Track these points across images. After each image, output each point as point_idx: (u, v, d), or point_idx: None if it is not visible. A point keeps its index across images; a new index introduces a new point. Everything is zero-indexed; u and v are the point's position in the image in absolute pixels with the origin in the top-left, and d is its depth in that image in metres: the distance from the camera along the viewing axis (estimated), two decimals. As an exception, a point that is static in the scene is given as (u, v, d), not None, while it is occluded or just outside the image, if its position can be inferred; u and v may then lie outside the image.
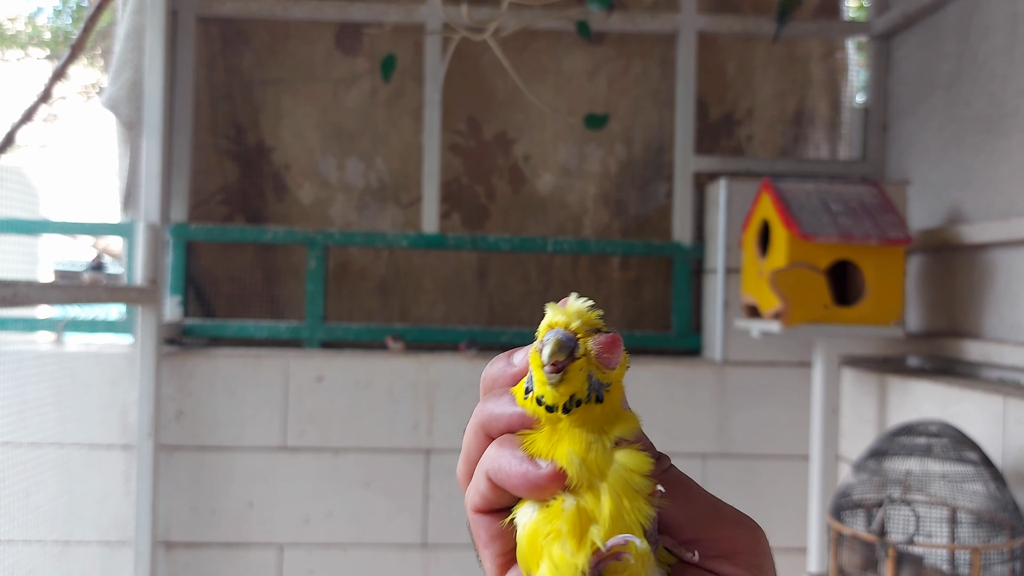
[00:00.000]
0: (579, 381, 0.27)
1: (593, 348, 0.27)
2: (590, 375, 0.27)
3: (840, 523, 1.38)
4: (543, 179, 2.20)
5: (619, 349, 0.28)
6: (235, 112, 2.15)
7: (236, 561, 1.89)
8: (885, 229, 1.62)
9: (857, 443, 1.85)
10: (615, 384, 0.28)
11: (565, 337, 0.27)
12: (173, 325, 2.00)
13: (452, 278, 2.18)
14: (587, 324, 0.28)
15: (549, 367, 0.27)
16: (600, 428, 0.28)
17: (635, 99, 2.20)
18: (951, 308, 1.81)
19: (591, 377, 0.27)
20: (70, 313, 1.92)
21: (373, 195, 2.18)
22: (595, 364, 0.27)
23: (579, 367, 0.27)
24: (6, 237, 1.75)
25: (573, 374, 0.27)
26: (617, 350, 0.28)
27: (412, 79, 2.15)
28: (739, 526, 0.29)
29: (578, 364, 0.27)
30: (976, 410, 1.48)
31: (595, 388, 0.28)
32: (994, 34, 1.69)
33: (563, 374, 0.27)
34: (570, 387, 0.27)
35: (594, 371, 0.28)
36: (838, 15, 2.24)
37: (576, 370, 0.27)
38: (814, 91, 2.23)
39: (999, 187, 1.66)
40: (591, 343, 0.27)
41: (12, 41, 3.96)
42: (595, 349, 0.27)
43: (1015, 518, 1.28)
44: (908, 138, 2.03)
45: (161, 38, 1.84)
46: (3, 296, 1.21)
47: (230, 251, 2.13)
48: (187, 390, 1.88)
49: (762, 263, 1.71)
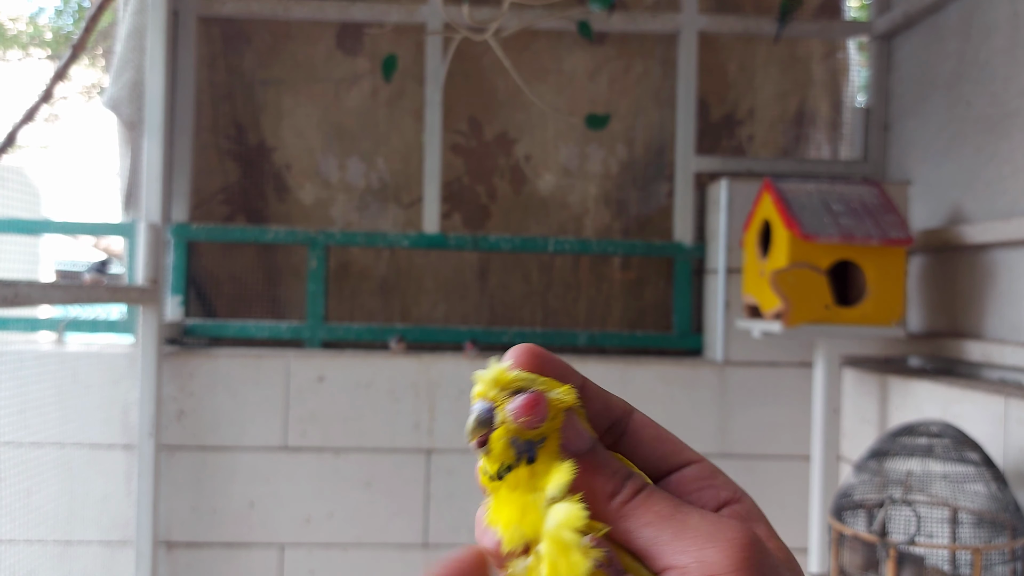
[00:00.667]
0: (502, 448, 0.28)
1: (510, 414, 0.28)
2: (513, 440, 0.28)
3: (841, 523, 1.38)
4: (544, 179, 2.20)
5: (539, 407, 0.28)
6: (236, 112, 2.16)
7: (237, 561, 1.89)
8: (886, 229, 1.62)
9: (858, 443, 1.85)
10: (550, 436, 0.28)
11: (482, 410, 0.28)
12: (174, 325, 2.00)
13: (453, 278, 2.18)
14: (506, 388, 0.28)
15: (473, 443, 0.28)
16: (535, 487, 0.28)
17: (636, 99, 2.20)
18: (952, 308, 1.81)
19: (515, 442, 0.28)
20: (71, 313, 1.92)
21: (374, 195, 2.18)
22: (515, 429, 0.28)
23: (499, 436, 0.28)
24: (7, 237, 1.75)
25: (495, 444, 0.28)
26: (536, 409, 0.28)
27: (413, 79, 2.15)
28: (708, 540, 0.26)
29: (497, 434, 0.28)
30: (977, 410, 1.48)
31: (523, 451, 0.28)
32: (995, 34, 1.69)
33: (486, 446, 0.28)
34: (496, 457, 0.28)
35: (518, 435, 0.28)
36: (839, 15, 2.24)
37: (497, 439, 0.28)
38: (815, 91, 2.23)
39: (1001, 187, 1.66)
40: (507, 409, 0.28)
41: (13, 41, 3.97)
42: (512, 415, 0.28)
43: (1016, 518, 1.28)
44: (909, 138, 2.03)
45: (162, 38, 1.84)
46: (4, 296, 1.21)
47: (231, 251, 2.13)
48: (188, 390, 1.89)
49: (763, 263, 1.71)
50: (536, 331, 2.10)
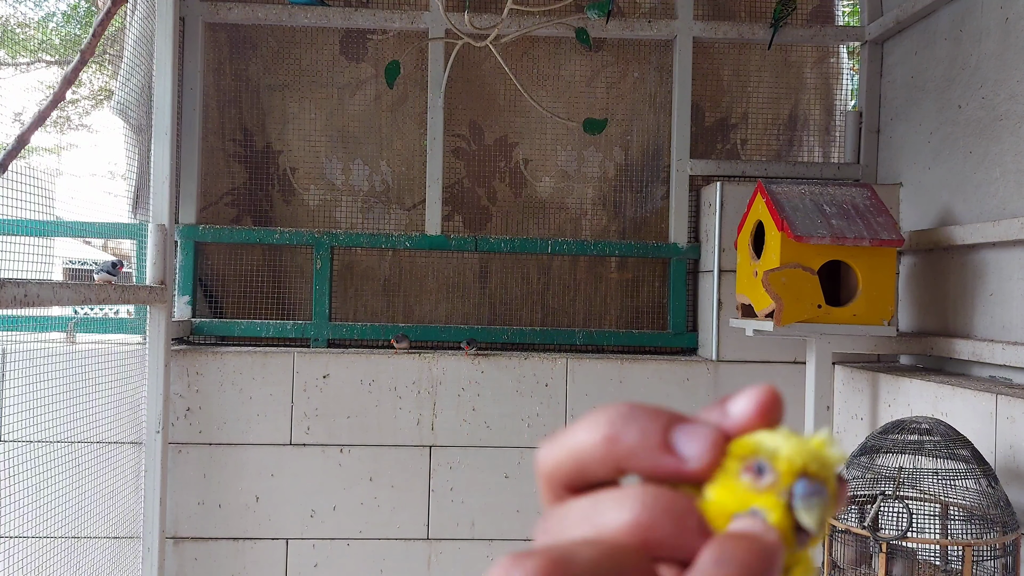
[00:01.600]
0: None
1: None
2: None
3: (833, 518, 1.40)
4: (543, 182, 2.24)
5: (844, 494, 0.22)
6: (243, 116, 2.20)
7: (243, 555, 1.93)
8: (877, 230, 1.65)
9: (850, 440, 1.88)
10: None
11: (823, 494, 0.21)
12: (182, 324, 2.04)
13: (454, 278, 2.22)
14: (825, 468, 0.21)
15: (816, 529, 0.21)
16: None
17: (633, 104, 2.24)
18: (942, 308, 1.84)
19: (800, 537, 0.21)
20: (82, 312, 1.96)
21: (378, 198, 2.22)
22: None
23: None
24: (19, 238, 1.78)
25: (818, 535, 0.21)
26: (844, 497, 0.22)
27: (415, 84, 2.19)
28: None
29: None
30: (967, 408, 1.50)
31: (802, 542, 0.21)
32: (986, 39, 1.72)
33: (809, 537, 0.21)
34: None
35: None
36: (831, 21, 2.28)
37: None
38: (808, 96, 2.27)
39: (990, 189, 1.69)
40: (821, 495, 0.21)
41: (23, 47, 4.02)
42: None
43: (1006, 514, 1.28)
44: (900, 141, 2.06)
45: (170, 44, 1.87)
46: (16, 296, 1.24)
47: (238, 252, 2.17)
48: (196, 387, 1.93)
49: (756, 264, 1.74)
50: (535, 330, 2.14)
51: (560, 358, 2.00)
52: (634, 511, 0.20)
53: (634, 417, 0.21)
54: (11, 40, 3.62)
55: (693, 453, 0.21)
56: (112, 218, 2.31)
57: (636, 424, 0.21)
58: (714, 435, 0.21)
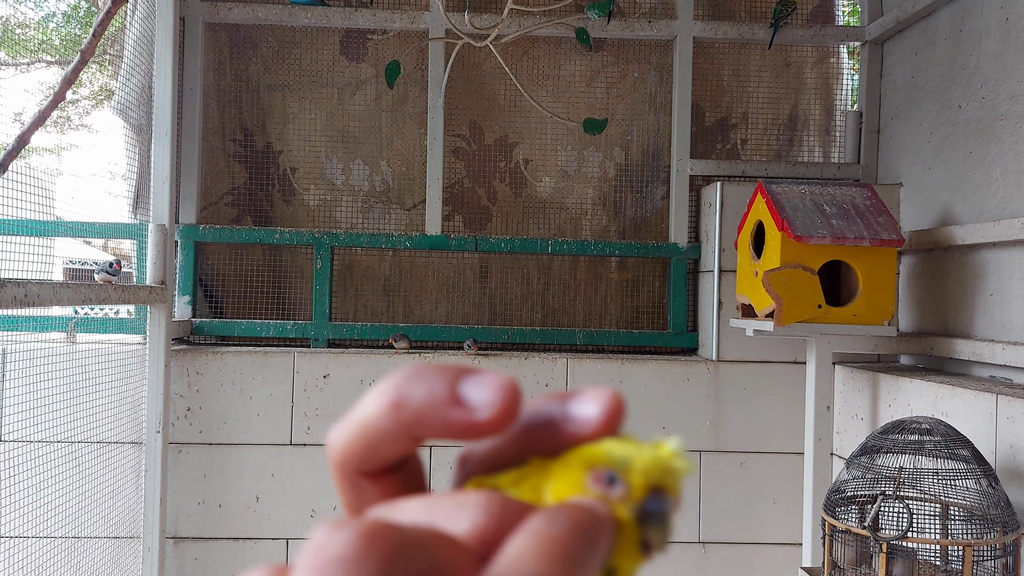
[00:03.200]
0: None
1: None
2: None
3: (834, 518, 1.40)
4: (543, 182, 2.24)
5: None
6: (243, 116, 2.20)
7: (243, 555, 1.93)
8: (877, 231, 1.65)
9: (850, 440, 1.88)
10: None
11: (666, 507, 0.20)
12: (183, 324, 2.04)
13: (454, 278, 2.22)
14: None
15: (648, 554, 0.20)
16: None
17: (633, 104, 2.24)
18: (942, 308, 1.84)
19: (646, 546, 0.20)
20: (82, 312, 1.96)
21: (378, 198, 2.22)
22: None
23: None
24: (19, 238, 1.79)
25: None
26: None
27: (416, 84, 2.19)
28: None
29: None
30: (967, 407, 1.50)
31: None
32: (986, 39, 1.72)
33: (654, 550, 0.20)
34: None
35: None
36: (831, 21, 2.28)
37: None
38: (808, 96, 2.27)
39: (990, 189, 1.69)
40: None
41: (23, 47, 4.02)
42: None
43: (1006, 514, 1.28)
44: (900, 141, 2.06)
45: (170, 44, 1.87)
46: (16, 296, 1.24)
47: (238, 252, 2.17)
48: (196, 387, 1.93)
49: (756, 264, 1.74)
50: (535, 330, 2.14)
51: (560, 358, 2.00)
52: (476, 520, 0.18)
53: (420, 376, 0.20)
54: (11, 40, 3.63)
55: (483, 401, 0.19)
56: (112, 218, 2.31)
57: (422, 383, 0.19)
58: (505, 383, 0.19)
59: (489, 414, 0.19)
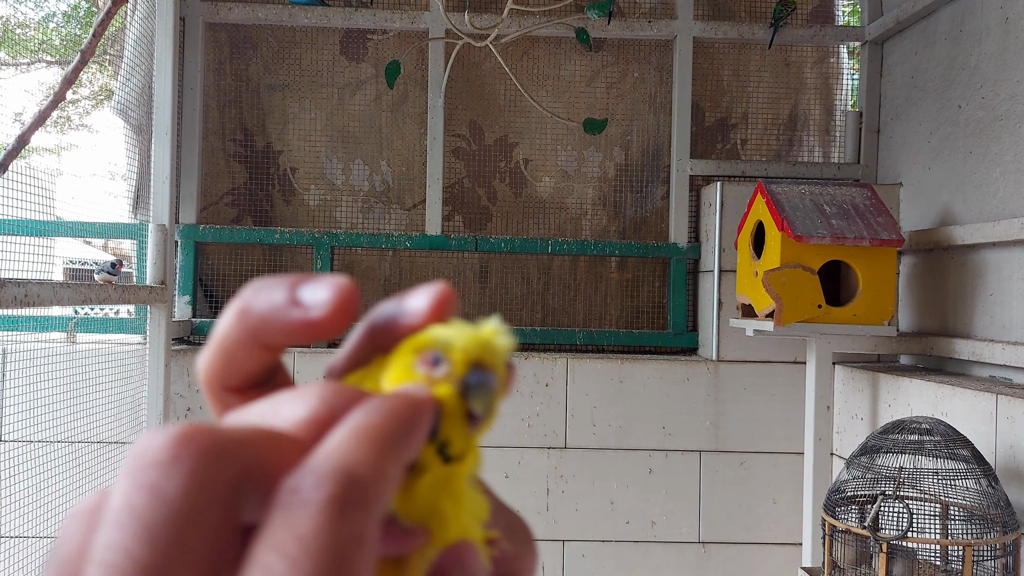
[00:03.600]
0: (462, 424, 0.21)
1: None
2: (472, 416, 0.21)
3: (834, 518, 1.40)
4: (543, 182, 2.24)
5: None
6: (243, 116, 2.21)
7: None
8: (877, 230, 1.65)
9: (850, 439, 1.88)
10: None
11: (491, 380, 0.21)
12: (183, 324, 2.04)
13: (454, 278, 2.22)
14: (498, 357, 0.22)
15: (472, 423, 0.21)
16: None
17: (633, 104, 2.24)
18: (942, 308, 1.84)
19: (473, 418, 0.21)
20: (82, 312, 1.96)
21: (378, 198, 2.23)
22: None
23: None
24: (19, 238, 1.79)
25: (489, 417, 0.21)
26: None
27: (416, 84, 2.20)
28: None
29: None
30: (967, 407, 1.51)
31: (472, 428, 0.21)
32: (985, 39, 1.72)
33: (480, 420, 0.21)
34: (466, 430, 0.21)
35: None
36: (831, 21, 2.28)
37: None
38: (808, 96, 2.27)
39: (990, 189, 1.69)
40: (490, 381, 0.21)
41: (23, 47, 4.02)
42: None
43: (1006, 514, 1.29)
44: (900, 141, 2.06)
45: (170, 44, 1.88)
46: (16, 296, 1.24)
47: (238, 252, 2.17)
48: (196, 387, 1.93)
49: (756, 264, 1.75)
50: (535, 330, 2.14)
51: (560, 358, 2.00)
52: (311, 405, 0.19)
53: (263, 286, 0.21)
54: (11, 40, 3.63)
55: (318, 300, 0.20)
56: (112, 218, 2.32)
57: (265, 291, 0.21)
58: (339, 283, 0.20)
59: (323, 312, 0.20)
